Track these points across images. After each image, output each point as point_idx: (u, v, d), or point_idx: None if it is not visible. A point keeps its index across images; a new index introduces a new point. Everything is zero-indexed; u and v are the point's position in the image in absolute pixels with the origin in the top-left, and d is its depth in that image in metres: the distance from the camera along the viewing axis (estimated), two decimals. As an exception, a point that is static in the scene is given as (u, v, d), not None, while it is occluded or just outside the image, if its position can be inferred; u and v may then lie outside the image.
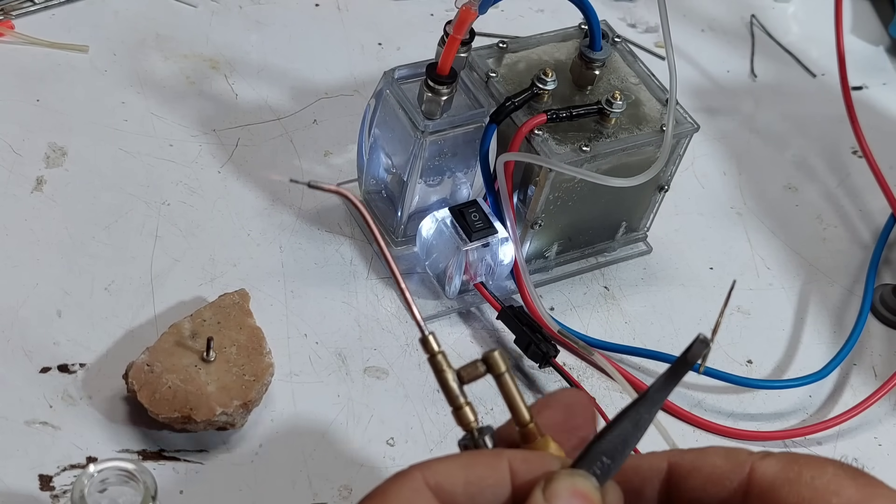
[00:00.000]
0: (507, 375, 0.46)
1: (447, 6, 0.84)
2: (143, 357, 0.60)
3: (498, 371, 0.46)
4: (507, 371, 0.46)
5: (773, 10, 0.96)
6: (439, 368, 0.46)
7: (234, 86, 0.78)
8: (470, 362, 0.46)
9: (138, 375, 0.59)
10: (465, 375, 0.46)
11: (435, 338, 0.46)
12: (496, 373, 0.46)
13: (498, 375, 0.46)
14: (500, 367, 0.46)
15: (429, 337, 0.46)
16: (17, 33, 0.77)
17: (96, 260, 0.66)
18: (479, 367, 0.46)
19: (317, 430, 0.61)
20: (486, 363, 0.46)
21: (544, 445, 0.45)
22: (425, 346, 0.46)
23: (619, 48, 0.71)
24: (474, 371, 0.46)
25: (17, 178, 0.69)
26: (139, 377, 0.59)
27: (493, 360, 0.46)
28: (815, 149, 0.85)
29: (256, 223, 0.70)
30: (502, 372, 0.46)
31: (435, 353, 0.46)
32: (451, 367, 0.46)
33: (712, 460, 0.44)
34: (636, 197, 0.71)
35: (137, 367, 0.59)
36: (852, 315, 0.74)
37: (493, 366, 0.46)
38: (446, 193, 0.69)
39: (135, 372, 0.59)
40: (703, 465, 0.44)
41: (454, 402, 0.46)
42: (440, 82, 0.63)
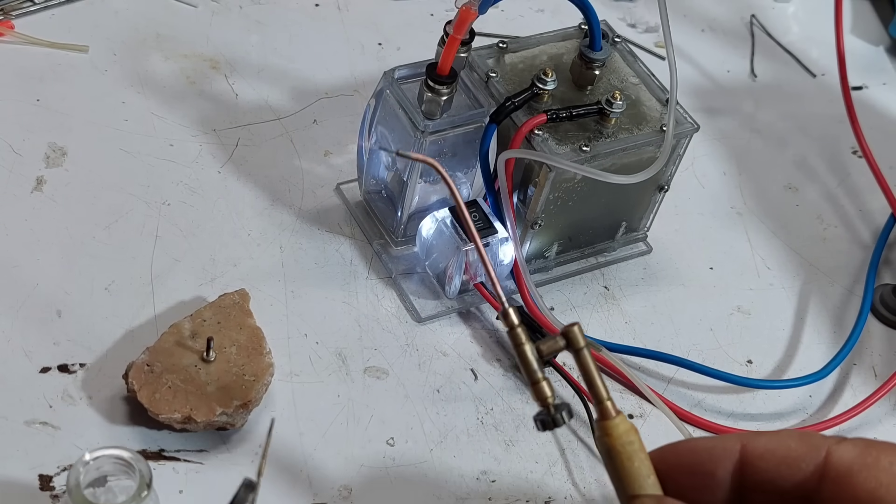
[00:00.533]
0: (586, 351, 0.45)
1: (447, 6, 0.84)
2: (143, 357, 0.60)
3: (578, 346, 0.45)
4: (587, 346, 0.46)
5: (773, 10, 0.96)
6: (519, 342, 0.45)
7: (235, 86, 0.78)
8: (549, 336, 0.45)
9: (138, 375, 0.59)
10: (545, 350, 0.46)
11: (515, 311, 0.45)
12: (576, 347, 0.45)
13: (578, 350, 0.46)
14: (580, 342, 0.45)
15: (509, 310, 0.45)
16: (17, 33, 0.77)
17: (96, 260, 0.66)
18: (559, 342, 0.46)
19: (317, 430, 0.61)
20: (566, 337, 0.45)
21: (621, 423, 0.45)
22: (506, 318, 0.45)
23: (619, 48, 0.71)
24: (554, 345, 0.46)
25: (17, 178, 0.69)
26: (139, 377, 0.59)
27: (573, 334, 0.45)
28: (815, 149, 0.85)
29: (256, 223, 0.70)
30: (582, 347, 0.46)
31: (515, 325, 0.45)
32: (530, 340, 0.45)
33: (787, 443, 0.43)
34: (636, 197, 0.71)
35: (137, 367, 0.59)
36: (852, 315, 0.74)
37: (573, 340, 0.45)
38: (446, 193, 0.69)
39: (135, 372, 0.59)
40: (777, 447, 0.43)
41: (532, 376, 0.45)
42: (440, 82, 0.63)
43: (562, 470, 0.63)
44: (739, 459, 0.44)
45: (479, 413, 0.64)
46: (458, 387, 0.65)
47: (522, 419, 0.64)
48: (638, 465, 0.45)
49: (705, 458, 0.44)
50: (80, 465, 0.53)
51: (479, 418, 0.64)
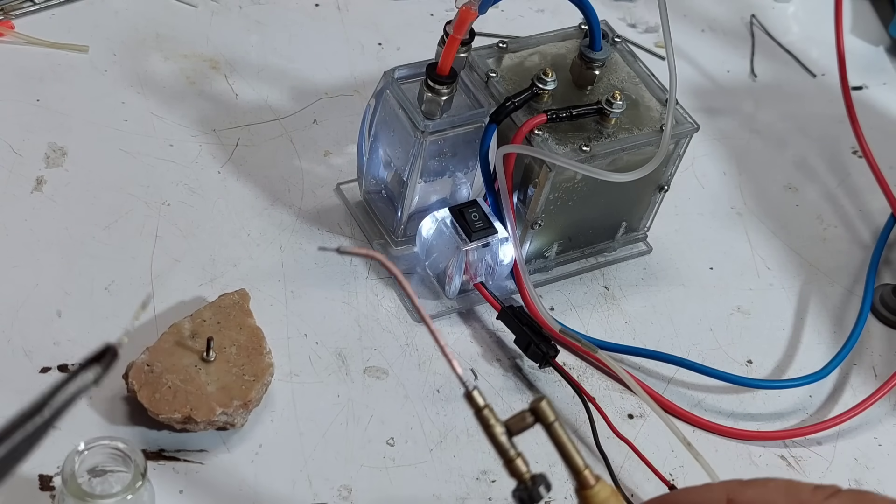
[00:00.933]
0: (558, 424, 0.46)
1: (447, 6, 0.84)
2: (143, 357, 0.60)
3: (547, 421, 0.46)
4: (557, 419, 0.46)
5: (773, 10, 0.96)
6: (487, 423, 0.46)
7: (234, 86, 0.78)
8: (517, 413, 0.45)
9: (138, 375, 0.59)
10: (514, 427, 0.46)
11: (480, 392, 0.45)
12: (546, 422, 0.46)
13: (548, 425, 0.46)
14: (550, 417, 0.46)
15: (473, 392, 0.45)
16: (17, 33, 0.77)
17: (96, 260, 0.66)
18: (528, 418, 0.46)
19: (317, 430, 0.61)
20: (534, 413, 0.46)
21: (601, 490, 0.45)
22: (470, 401, 0.45)
23: (619, 48, 0.71)
24: (522, 422, 0.46)
25: (17, 178, 0.69)
26: (139, 377, 0.59)
27: (542, 410, 0.46)
28: (815, 149, 0.85)
29: (256, 223, 0.70)
30: (552, 421, 0.46)
31: (481, 407, 0.45)
32: (498, 421, 0.46)
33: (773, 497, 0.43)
34: (636, 197, 0.71)
35: (137, 367, 0.59)
36: (852, 315, 0.74)
37: (543, 416, 0.45)
38: (446, 193, 0.69)
39: (135, 372, 0.59)
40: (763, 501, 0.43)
41: (505, 455, 0.45)
42: (440, 82, 0.63)
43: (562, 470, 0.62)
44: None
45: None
46: (458, 387, 0.65)
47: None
48: None
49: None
50: (74, 455, 0.53)
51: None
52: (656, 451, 0.64)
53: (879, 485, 0.66)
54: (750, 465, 0.65)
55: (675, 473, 0.63)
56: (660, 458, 0.64)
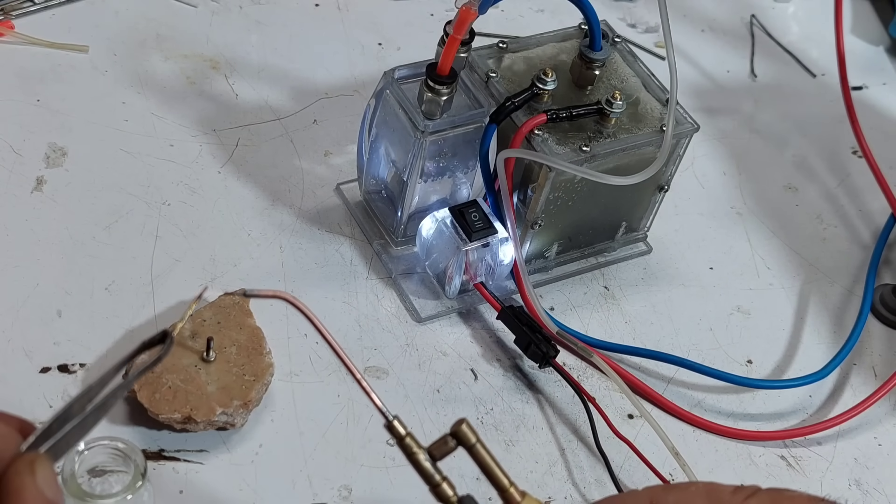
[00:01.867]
0: (479, 445, 0.47)
1: (447, 6, 0.84)
2: (144, 357, 0.59)
3: (469, 443, 0.46)
4: (479, 441, 0.46)
5: (773, 10, 0.96)
6: (410, 451, 0.46)
7: (234, 86, 0.78)
8: (439, 439, 0.46)
9: (138, 375, 0.59)
10: (437, 452, 0.47)
11: (400, 421, 0.46)
12: (467, 445, 0.46)
13: (470, 447, 0.47)
14: (471, 439, 0.47)
15: (393, 422, 0.46)
16: (17, 33, 0.77)
17: (96, 260, 0.66)
18: (450, 443, 0.47)
19: (317, 430, 0.61)
20: (455, 437, 0.46)
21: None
22: (391, 431, 0.46)
23: (619, 48, 0.71)
24: (444, 447, 0.47)
25: (17, 178, 0.69)
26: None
27: (462, 433, 0.46)
28: (815, 149, 0.85)
29: (256, 223, 0.70)
30: (473, 443, 0.47)
31: (402, 436, 0.46)
32: (421, 448, 0.46)
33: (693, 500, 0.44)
34: (636, 197, 0.71)
35: (137, 367, 0.59)
36: (852, 315, 0.74)
37: (463, 439, 0.46)
38: (446, 193, 0.69)
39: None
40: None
41: (430, 480, 0.46)
42: (440, 82, 0.63)
43: (562, 470, 0.63)
44: None
45: (479, 413, 0.64)
46: (458, 387, 0.65)
47: (522, 419, 0.64)
48: None
49: None
50: (74, 455, 0.53)
51: (479, 418, 0.64)
52: (656, 451, 0.64)
53: (879, 485, 0.66)
54: (750, 466, 0.65)
55: (674, 473, 0.63)
56: (660, 458, 0.64)
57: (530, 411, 0.65)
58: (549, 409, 0.65)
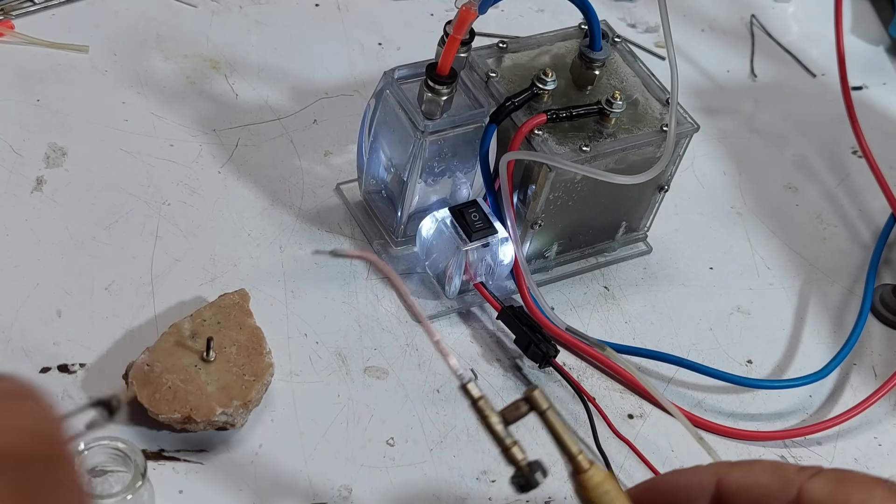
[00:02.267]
0: (552, 411, 0.47)
1: (447, 6, 0.84)
2: (143, 357, 0.60)
3: (541, 408, 0.47)
4: (551, 407, 0.47)
5: (773, 10, 0.96)
6: (483, 413, 0.47)
7: (234, 86, 0.78)
8: (512, 403, 0.47)
9: (138, 375, 0.59)
10: (509, 416, 0.47)
11: (475, 384, 0.47)
12: (540, 410, 0.47)
13: (542, 413, 0.47)
14: (543, 405, 0.47)
15: (468, 384, 0.47)
16: (17, 33, 0.77)
17: (96, 260, 0.66)
18: (522, 407, 0.47)
19: (317, 430, 0.61)
20: (528, 402, 0.47)
21: (595, 474, 0.47)
22: (466, 392, 0.47)
23: (619, 48, 0.71)
24: (517, 411, 0.47)
25: (17, 178, 0.69)
26: (139, 377, 0.59)
27: (535, 398, 0.47)
28: (815, 149, 0.85)
29: (256, 223, 0.70)
30: (546, 409, 0.47)
31: (476, 398, 0.47)
32: (494, 411, 0.47)
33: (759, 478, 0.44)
34: (636, 197, 0.71)
35: (137, 367, 0.59)
36: (852, 315, 0.74)
37: (536, 404, 0.47)
38: (446, 193, 0.69)
39: (135, 372, 0.59)
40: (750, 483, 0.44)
41: (501, 443, 0.47)
42: (440, 82, 0.63)
43: (562, 470, 0.63)
44: (715, 494, 0.44)
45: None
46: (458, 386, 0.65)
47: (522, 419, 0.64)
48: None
49: (682, 495, 0.45)
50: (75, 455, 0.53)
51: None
52: (656, 451, 0.64)
53: (879, 485, 0.66)
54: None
55: (675, 473, 0.63)
56: (660, 458, 0.64)
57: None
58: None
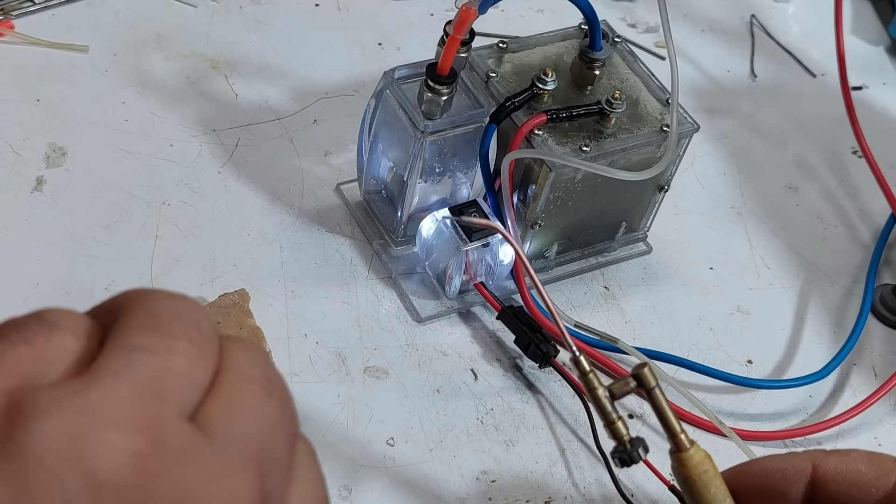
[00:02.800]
0: (658, 390, 0.47)
1: (447, 6, 0.84)
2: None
3: (649, 386, 0.47)
4: (658, 386, 0.47)
5: (773, 10, 0.96)
6: (591, 386, 0.47)
7: (234, 86, 0.78)
8: (620, 378, 0.47)
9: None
10: (616, 391, 0.48)
11: (586, 357, 0.47)
12: (648, 387, 0.47)
13: (650, 390, 0.47)
14: (651, 383, 0.47)
15: (580, 357, 0.47)
16: (17, 33, 0.77)
17: (96, 260, 0.66)
18: (630, 383, 0.48)
19: (317, 430, 0.61)
20: (636, 379, 0.48)
21: (696, 453, 0.47)
22: (577, 365, 0.47)
23: (619, 48, 0.71)
24: (625, 387, 0.48)
25: (17, 178, 0.69)
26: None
27: (644, 376, 0.47)
28: (815, 149, 0.85)
29: (256, 223, 0.70)
30: (653, 387, 0.47)
31: (587, 371, 0.47)
32: (601, 385, 0.47)
33: (857, 466, 0.44)
34: (636, 197, 0.71)
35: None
36: (852, 315, 0.74)
37: (644, 381, 0.47)
38: (446, 193, 0.69)
39: (135, 372, 0.59)
40: (847, 470, 0.44)
41: (607, 417, 0.47)
42: (440, 82, 0.63)
43: (562, 470, 0.63)
44: (811, 480, 0.45)
45: (479, 413, 0.64)
46: (458, 387, 0.65)
47: (522, 419, 0.64)
48: (714, 490, 0.47)
49: (779, 479, 0.45)
50: None
51: (479, 418, 0.64)
52: (656, 451, 0.64)
53: (879, 485, 0.66)
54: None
55: (675, 473, 0.63)
56: (660, 458, 0.64)
57: (530, 411, 0.65)
58: (549, 409, 0.65)
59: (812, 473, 0.45)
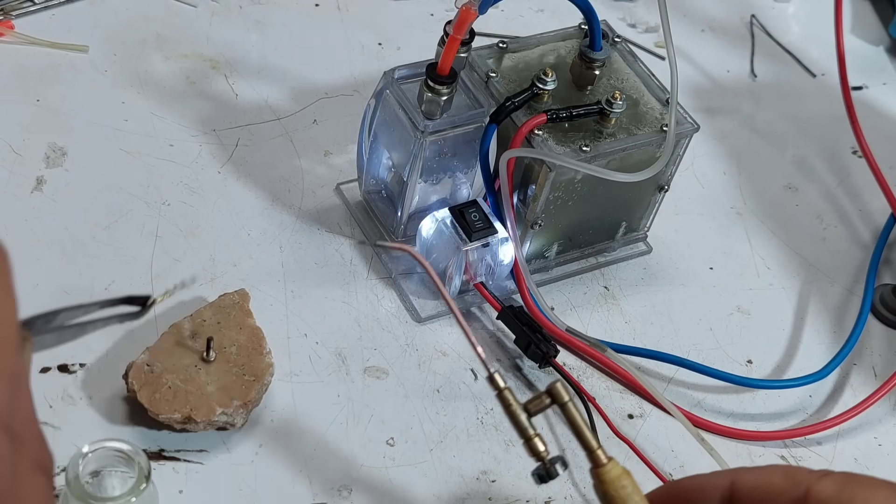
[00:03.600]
0: (571, 405, 0.49)
1: (447, 6, 0.84)
2: (143, 357, 0.60)
3: (562, 401, 0.49)
4: (571, 400, 0.49)
5: (773, 10, 0.96)
6: (507, 403, 0.49)
7: (234, 86, 0.78)
8: (535, 395, 0.49)
9: (138, 375, 0.59)
10: (532, 408, 0.49)
11: (501, 374, 0.48)
12: (560, 402, 0.49)
13: (563, 405, 0.49)
14: (564, 398, 0.49)
15: (494, 374, 0.48)
16: (17, 33, 0.77)
17: (96, 260, 0.66)
18: (545, 399, 0.49)
19: (317, 430, 0.61)
20: (549, 394, 0.49)
21: (613, 468, 0.48)
22: (493, 383, 0.48)
23: (619, 48, 0.71)
24: (540, 403, 0.49)
25: (17, 178, 0.69)
26: (139, 377, 0.59)
27: (557, 391, 0.49)
28: (815, 149, 0.85)
29: (256, 223, 0.70)
30: (566, 401, 0.49)
31: (502, 388, 0.48)
32: (517, 402, 0.48)
33: (771, 479, 0.45)
34: (636, 197, 0.71)
35: (137, 367, 0.59)
36: (852, 315, 0.74)
37: (557, 396, 0.49)
38: (446, 193, 0.69)
39: (135, 372, 0.59)
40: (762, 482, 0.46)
41: (524, 433, 0.49)
42: (440, 82, 0.63)
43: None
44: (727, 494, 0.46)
45: (479, 413, 0.64)
46: (457, 387, 0.65)
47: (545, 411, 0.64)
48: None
49: (696, 495, 0.47)
50: (78, 458, 0.53)
51: (479, 418, 0.64)
52: (656, 451, 0.64)
53: (879, 485, 0.66)
54: (750, 466, 0.65)
55: (675, 473, 0.63)
56: (660, 458, 0.64)
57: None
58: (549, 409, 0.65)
59: (730, 488, 0.46)
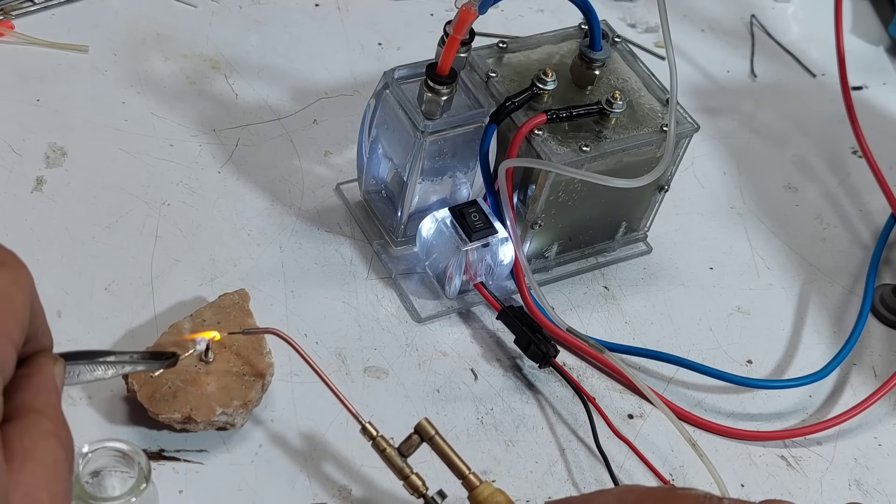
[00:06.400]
0: (438, 437, 0.55)
1: (447, 6, 0.84)
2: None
3: (428, 436, 0.55)
4: (437, 434, 0.55)
5: (773, 10, 0.96)
6: (381, 448, 0.55)
7: (234, 86, 0.78)
8: (405, 438, 0.55)
9: (138, 375, 0.59)
10: (405, 449, 0.55)
11: (372, 425, 0.56)
12: (427, 437, 0.55)
13: (430, 439, 0.55)
14: (430, 432, 0.55)
15: (367, 425, 0.55)
16: (17, 33, 0.77)
17: (96, 260, 0.66)
18: (414, 439, 0.55)
19: (317, 430, 0.61)
20: (417, 433, 0.55)
21: (485, 488, 0.55)
22: (366, 432, 0.55)
23: (619, 48, 0.71)
24: (410, 443, 0.55)
25: (17, 178, 0.69)
26: (139, 377, 0.59)
27: (422, 427, 0.55)
28: (815, 149, 0.85)
29: (256, 223, 0.70)
30: (432, 436, 0.55)
31: (375, 436, 0.55)
32: (391, 445, 0.56)
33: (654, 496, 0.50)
34: (636, 197, 0.71)
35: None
36: (852, 315, 0.74)
37: (423, 432, 0.55)
38: (446, 193, 0.69)
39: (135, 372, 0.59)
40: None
41: (401, 473, 0.55)
42: (440, 82, 0.63)
43: (562, 470, 0.63)
44: None
45: (479, 413, 0.64)
46: (457, 387, 0.65)
47: (522, 419, 0.64)
48: None
49: None
50: (78, 458, 0.53)
51: (479, 418, 0.64)
52: (656, 451, 0.64)
53: (879, 485, 0.66)
54: (750, 466, 0.65)
55: (674, 473, 0.63)
56: (660, 458, 0.64)
57: (530, 411, 0.65)
58: (549, 409, 0.65)
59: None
